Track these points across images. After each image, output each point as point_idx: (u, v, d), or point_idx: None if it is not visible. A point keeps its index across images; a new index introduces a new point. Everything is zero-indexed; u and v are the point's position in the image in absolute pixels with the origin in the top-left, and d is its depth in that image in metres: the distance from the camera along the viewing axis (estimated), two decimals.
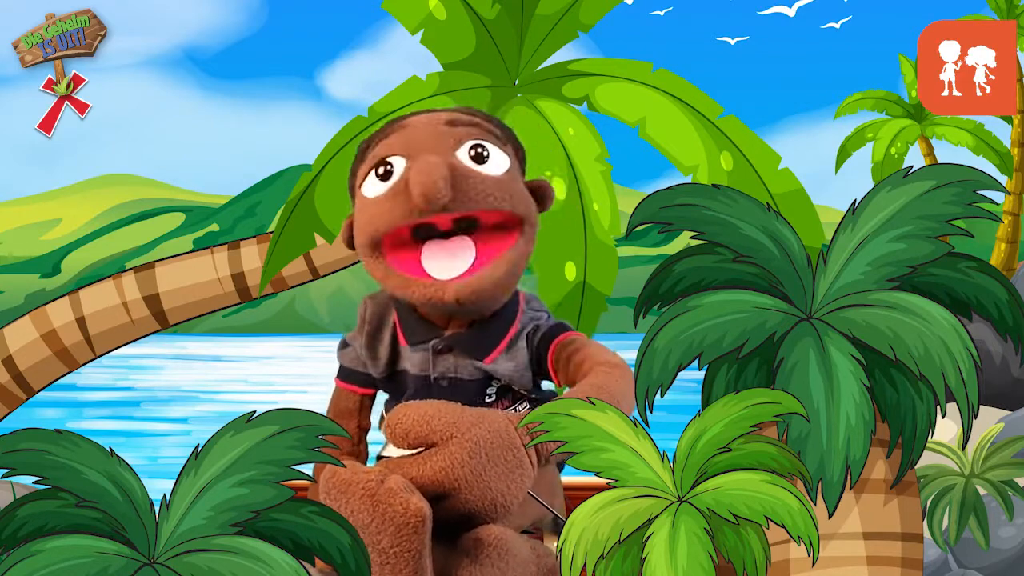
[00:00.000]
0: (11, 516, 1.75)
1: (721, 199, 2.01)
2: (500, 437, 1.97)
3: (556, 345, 2.19)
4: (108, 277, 3.12)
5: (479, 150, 2.12)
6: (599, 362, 2.13)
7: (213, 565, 1.72)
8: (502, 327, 2.19)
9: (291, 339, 12.06)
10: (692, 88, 2.70)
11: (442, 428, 1.96)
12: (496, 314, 2.19)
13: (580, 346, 2.18)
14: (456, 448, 1.95)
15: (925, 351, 1.93)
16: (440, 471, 1.95)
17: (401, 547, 1.88)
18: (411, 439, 1.98)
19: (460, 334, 2.18)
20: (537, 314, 2.24)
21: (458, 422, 1.96)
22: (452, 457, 1.95)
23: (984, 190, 1.99)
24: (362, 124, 2.68)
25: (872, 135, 4.44)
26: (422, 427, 1.97)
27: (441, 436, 1.96)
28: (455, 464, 1.94)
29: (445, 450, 1.95)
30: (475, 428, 1.96)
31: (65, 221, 12.65)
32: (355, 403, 2.31)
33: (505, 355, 2.19)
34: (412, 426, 1.98)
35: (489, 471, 1.95)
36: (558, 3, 2.78)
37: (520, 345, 2.19)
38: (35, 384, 3.12)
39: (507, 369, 2.18)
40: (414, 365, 2.21)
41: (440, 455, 1.95)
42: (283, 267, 2.81)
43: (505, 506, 1.98)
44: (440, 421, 1.97)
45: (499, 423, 1.99)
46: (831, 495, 1.93)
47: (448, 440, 1.96)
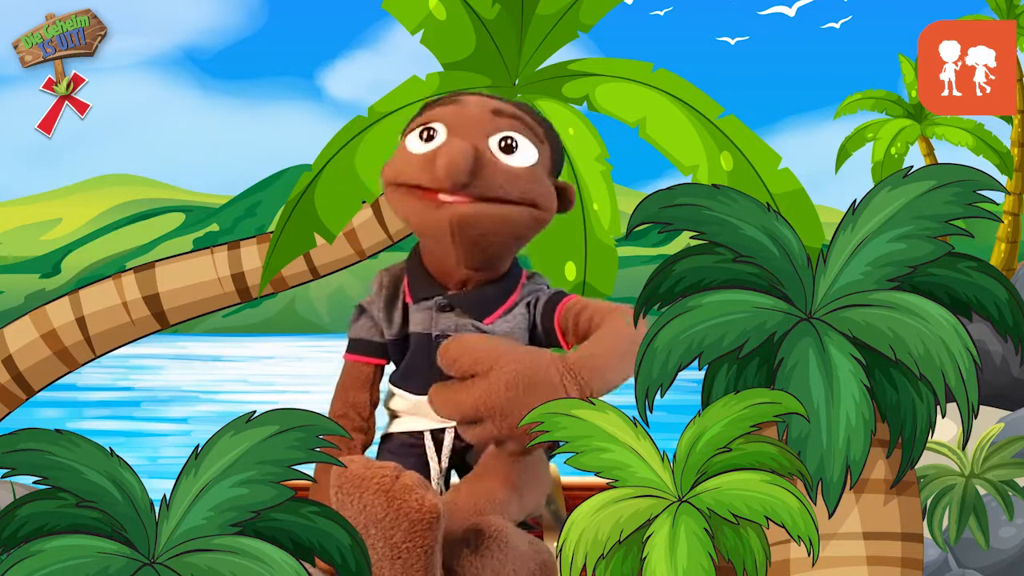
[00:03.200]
0: (11, 516, 1.75)
1: (721, 199, 2.01)
2: (539, 373, 2.08)
3: (561, 309, 2.29)
4: (108, 277, 3.12)
5: (509, 141, 2.25)
6: (608, 311, 2.24)
7: (213, 565, 1.72)
8: (503, 292, 2.31)
9: (291, 339, 12.06)
10: (692, 88, 2.70)
11: (485, 359, 2.08)
12: (498, 279, 2.30)
13: (585, 304, 2.29)
14: (495, 379, 2.07)
15: (925, 351, 1.93)
16: (477, 398, 2.07)
17: (414, 542, 1.88)
18: (456, 368, 2.10)
19: (462, 294, 2.29)
20: (539, 287, 2.35)
21: (502, 356, 2.08)
22: (490, 387, 2.07)
23: (984, 190, 1.98)
24: (362, 124, 2.68)
25: (872, 135, 4.44)
26: (467, 357, 2.09)
27: (483, 367, 2.07)
28: (492, 394, 2.06)
29: (484, 380, 2.07)
30: (515, 363, 2.08)
31: (65, 221, 12.65)
32: (367, 375, 2.38)
33: (504, 318, 2.29)
34: (459, 355, 2.10)
35: (525, 403, 2.02)
36: (558, 3, 2.78)
37: (519, 311, 2.30)
38: (35, 384, 3.12)
39: (504, 331, 2.27)
40: (417, 324, 2.30)
41: (479, 384, 2.07)
42: (283, 267, 2.81)
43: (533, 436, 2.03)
44: (484, 352, 2.09)
45: (542, 360, 2.10)
46: (831, 495, 1.93)
47: (489, 371, 2.07)
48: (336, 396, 2.38)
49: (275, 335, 12.15)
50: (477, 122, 2.26)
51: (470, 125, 2.25)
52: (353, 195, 2.70)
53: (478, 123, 2.25)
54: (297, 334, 12.14)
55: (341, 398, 2.37)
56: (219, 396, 9.12)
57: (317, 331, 12.00)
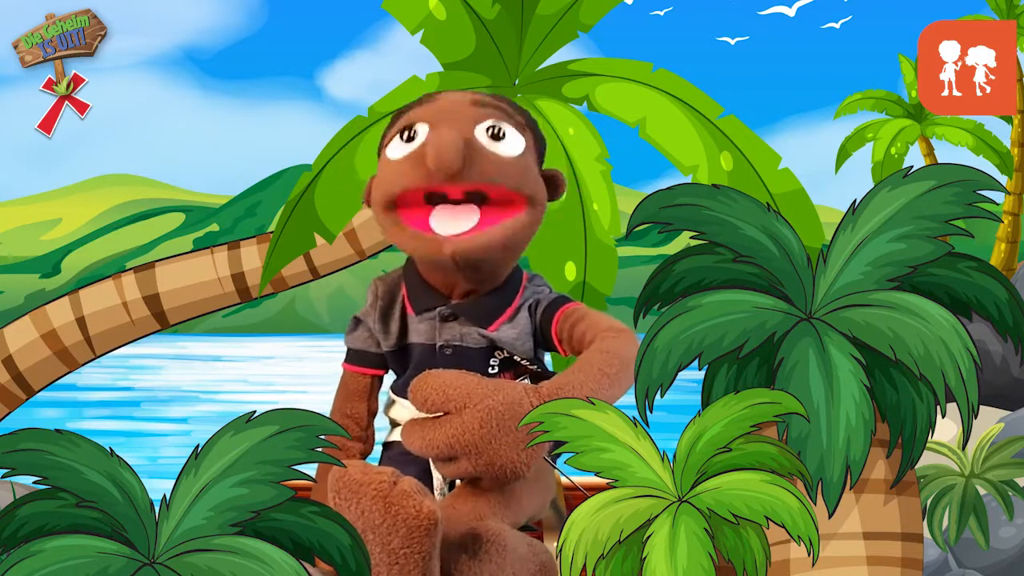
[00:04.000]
0: (11, 516, 1.75)
1: (721, 199, 2.02)
2: (512, 409, 2.03)
3: (559, 316, 2.27)
4: (108, 277, 3.12)
5: (496, 129, 2.22)
6: (603, 329, 2.20)
7: (213, 565, 1.72)
8: (506, 298, 2.28)
9: (291, 339, 12.05)
10: (692, 88, 2.70)
11: (458, 397, 2.03)
12: (500, 286, 2.28)
13: (583, 315, 2.26)
14: (469, 416, 2.02)
15: (925, 351, 1.93)
16: (451, 437, 2.02)
17: (411, 548, 1.88)
18: (429, 405, 2.05)
19: (465, 303, 2.27)
20: (539, 289, 2.33)
21: (474, 392, 2.04)
22: (464, 425, 2.02)
23: (984, 190, 1.99)
24: (362, 124, 2.68)
25: (872, 135, 4.44)
26: (440, 395, 2.04)
27: (456, 404, 2.03)
28: (466, 431, 2.02)
29: (458, 418, 2.02)
30: (489, 398, 2.03)
31: (65, 221, 12.63)
32: (364, 385, 2.37)
33: (508, 323, 2.27)
34: (431, 393, 2.05)
35: (499, 440, 2.01)
36: (558, 3, 2.78)
37: (522, 315, 2.28)
38: (35, 384, 3.12)
39: (509, 336, 2.26)
40: (420, 335, 2.29)
41: (453, 422, 2.03)
42: (283, 267, 2.81)
43: (515, 473, 2.04)
44: (457, 390, 2.04)
45: (515, 395, 2.05)
46: (831, 495, 1.93)
47: (463, 408, 2.03)
48: (335, 407, 2.39)
49: (275, 335, 12.14)
50: (460, 112, 2.23)
51: (453, 116, 2.22)
52: (353, 195, 2.70)
53: (461, 113, 2.23)
54: (297, 334, 12.13)
55: (339, 408, 2.38)
56: (219, 396, 9.11)
57: (317, 331, 11.98)
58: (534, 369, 2.27)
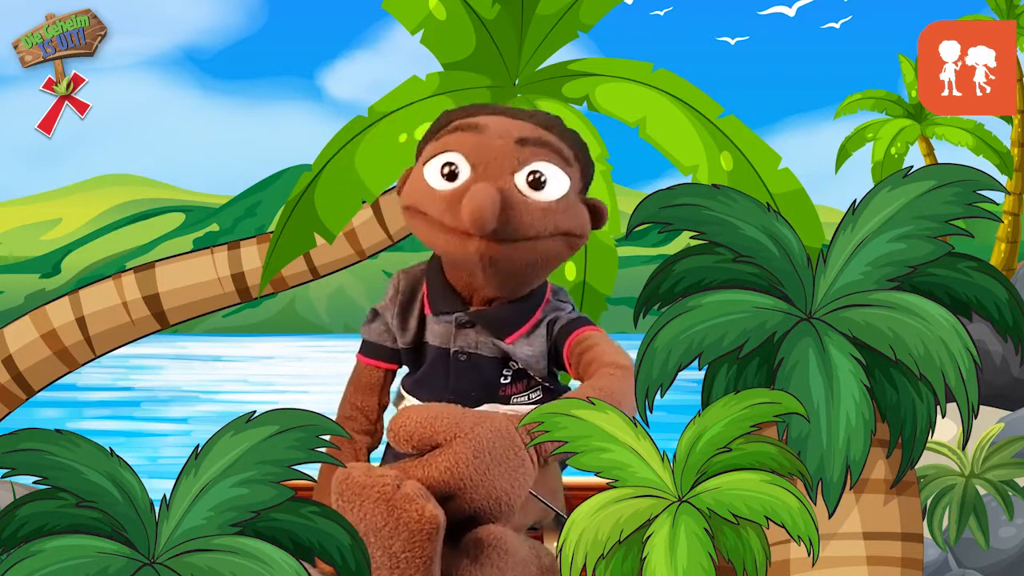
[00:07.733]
0: (11, 516, 1.75)
1: (721, 199, 2.02)
2: (502, 436, 1.98)
3: (572, 341, 2.22)
4: (108, 277, 3.12)
5: (537, 175, 2.16)
6: (604, 364, 2.15)
7: (213, 565, 1.72)
8: (526, 311, 2.24)
9: (291, 339, 12.05)
10: (692, 88, 2.70)
11: (445, 429, 1.97)
12: (522, 298, 2.24)
13: (592, 344, 2.20)
14: (460, 448, 1.95)
15: (925, 351, 1.93)
16: (446, 471, 1.95)
17: (414, 552, 1.88)
18: (415, 442, 1.98)
19: (484, 311, 2.23)
20: (561, 305, 2.28)
21: (460, 423, 1.97)
22: (457, 457, 1.95)
23: (984, 190, 1.99)
24: (362, 124, 2.68)
25: (872, 135, 4.44)
26: (425, 429, 1.98)
27: (444, 437, 1.97)
28: (460, 463, 1.95)
29: (450, 450, 1.96)
30: (477, 428, 1.97)
31: (65, 221, 12.63)
32: (377, 379, 2.35)
33: (525, 339, 2.23)
34: (416, 428, 1.98)
35: (493, 470, 1.96)
36: (558, 3, 2.78)
37: (540, 332, 2.24)
38: (35, 384, 3.12)
39: (525, 354, 2.22)
40: (436, 336, 2.26)
41: (445, 455, 1.96)
42: (283, 267, 2.81)
43: (509, 504, 1.99)
44: (443, 422, 1.98)
45: (501, 423, 2.00)
46: (831, 495, 1.93)
47: (452, 440, 1.96)
48: (345, 397, 2.37)
49: (275, 335, 12.14)
50: (502, 157, 2.16)
51: (494, 162, 2.15)
52: (353, 195, 2.70)
53: (503, 158, 2.16)
54: (297, 334, 12.13)
55: (350, 399, 2.36)
56: (219, 396, 9.11)
57: (317, 331, 11.99)
58: (547, 386, 2.26)
